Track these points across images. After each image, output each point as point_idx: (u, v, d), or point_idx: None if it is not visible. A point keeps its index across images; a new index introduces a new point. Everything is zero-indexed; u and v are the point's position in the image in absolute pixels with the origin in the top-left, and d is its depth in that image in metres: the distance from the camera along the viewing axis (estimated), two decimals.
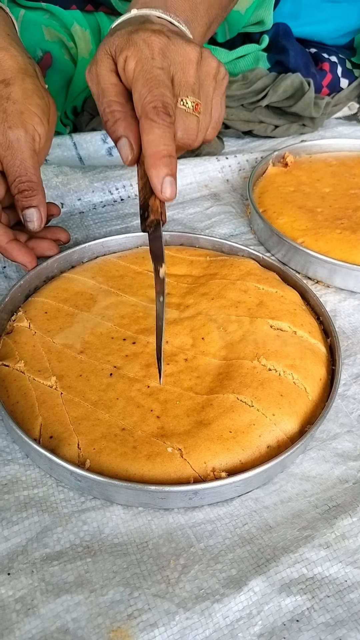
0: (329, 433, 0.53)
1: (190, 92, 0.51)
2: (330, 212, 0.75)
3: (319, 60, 1.00)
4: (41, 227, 0.61)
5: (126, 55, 0.50)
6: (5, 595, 0.41)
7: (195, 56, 0.51)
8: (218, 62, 0.54)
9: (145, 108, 0.48)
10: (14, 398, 0.51)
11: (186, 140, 0.52)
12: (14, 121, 0.58)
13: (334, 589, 0.42)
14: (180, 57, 0.51)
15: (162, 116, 0.48)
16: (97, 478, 0.44)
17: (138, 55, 0.49)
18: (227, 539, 0.45)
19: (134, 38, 0.50)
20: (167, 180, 0.48)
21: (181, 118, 0.51)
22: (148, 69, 0.49)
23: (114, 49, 0.51)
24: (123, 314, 0.58)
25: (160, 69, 0.49)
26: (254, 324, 0.57)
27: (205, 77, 0.52)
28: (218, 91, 0.54)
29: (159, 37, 0.50)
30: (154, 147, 0.48)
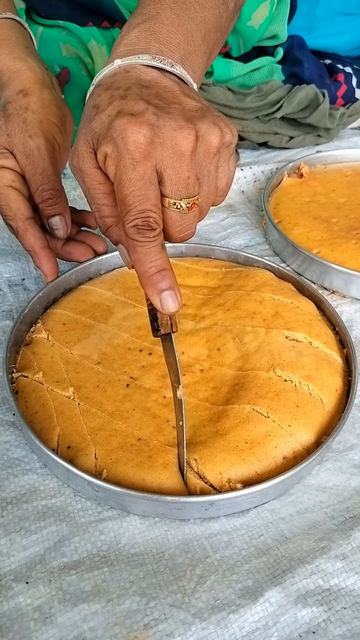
0: (345, 444, 0.53)
1: (185, 191, 0.44)
2: (346, 223, 0.76)
3: (334, 72, 1.00)
4: (67, 233, 0.61)
5: (105, 153, 0.44)
6: (23, 603, 0.41)
7: (189, 146, 0.43)
8: (220, 134, 0.45)
9: (125, 227, 0.43)
10: (33, 408, 0.51)
11: (186, 236, 0.47)
12: (34, 130, 0.58)
13: (351, 600, 0.42)
14: (169, 151, 0.43)
15: (144, 234, 0.43)
16: (114, 488, 0.44)
17: (117, 160, 0.43)
18: (243, 549, 0.45)
19: (112, 129, 0.43)
20: (164, 295, 0.44)
21: (176, 220, 0.45)
22: (126, 180, 0.43)
23: (95, 141, 0.45)
24: (139, 325, 0.59)
25: (139, 180, 0.42)
26: (270, 335, 0.57)
27: (204, 159, 0.45)
28: (224, 159, 0.47)
29: (139, 129, 0.42)
30: (141, 268, 0.44)
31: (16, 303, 0.66)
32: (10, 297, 0.66)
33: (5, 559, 0.43)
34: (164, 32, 0.50)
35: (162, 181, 0.44)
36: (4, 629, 0.40)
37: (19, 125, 0.59)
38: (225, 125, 0.46)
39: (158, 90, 0.46)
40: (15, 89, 0.60)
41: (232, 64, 0.94)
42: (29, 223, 0.59)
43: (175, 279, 0.45)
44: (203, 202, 0.47)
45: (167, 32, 0.50)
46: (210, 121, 0.45)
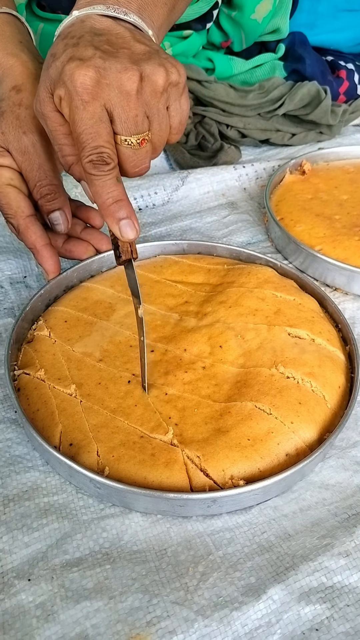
0: (348, 441, 0.53)
1: (134, 127, 0.48)
2: (348, 219, 0.75)
3: (336, 68, 1.00)
4: (68, 228, 0.61)
5: (59, 96, 0.48)
6: (25, 601, 0.41)
7: (133, 86, 0.47)
8: (165, 74, 0.48)
9: (82, 163, 0.48)
10: (35, 406, 0.51)
11: (140, 170, 0.51)
12: (27, 126, 0.58)
13: (354, 597, 0.42)
14: (115, 91, 0.46)
15: (100, 168, 0.47)
16: (116, 485, 0.44)
17: (69, 102, 0.47)
18: (246, 547, 0.45)
19: (63, 74, 0.47)
20: (122, 224, 0.49)
21: (129, 156, 0.49)
22: (78, 119, 0.47)
23: (52, 86, 0.49)
24: None
25: (90, 119, 0.46)
26: (272, 332, 0.57)
27: (151, 98, 0.48)
28: (174, 98, 0.50)
29: (85, 72, 0.46)
30: (99, 199, 0.49)
31: (18, 300, 0.66)
32: (11, 294, 0.66)
33: (7, 556, 0.43)
34: None
35: (113, 120, 0.47)
36: (6, 626, 0.40)
37: (13, 122, 0.58)
38: (171, 65, 0.49)
39: (109, 37, 0.49)
40: (9, 86, 0.60)
41: (233, 61, 0.94)
42: (30, 220, 0.60)
43: (132, 209, 0.50)
44: (155, 139, 0.51)
45: None
46: (156, 62, 0.48)
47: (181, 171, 0.86)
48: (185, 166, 0.89)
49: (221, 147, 0.90)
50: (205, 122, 0.92)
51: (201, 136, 0.92)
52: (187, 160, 0.89)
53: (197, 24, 0.87)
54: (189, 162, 0.89)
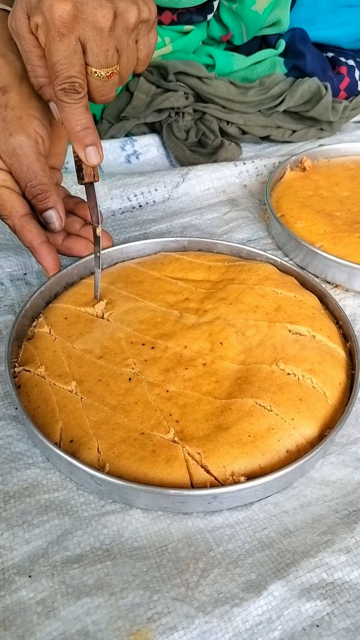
0: (349, 438, 0.53)
1: (105, 61, 0.51)
2: (349, 216, 0.75)
3: (336, 64, 1.00)
4: (62, 226, 0.61)
5: (36, 23, 0.50)
6: (26, 597, 0.41)
7: (107, 23, 0.49)
8: (137, 12, 0.51)
9: (55, 90, 0.51)
10: (35, 403, 0.51)
11: (107, 99, 0.55)
12: (14, 128, 0.58)
13: (355, 594, 0.42)
14: (90, 26, 0.49)
15: (71, 96, 0.51)
16: (116, 482, 0.44)
17: (46, 32, 0.49)
18: (247, 543, 0.45)
19: (42, 3, 0.49)
20: (89, 150, 0.54)
21: (97, 86, 0.53)
22: (54, 50, 0.49)
23: (29, 10, 0.51)
24: (142, 319, 0.59)
25: (65, 50, 0.49)
26: (272, 329, 0.57)
27: (122, 34, 0.51)
28: (143, 33, 0.54)
29: (64, 6, 0.48)
30: (68, 125, 0.53)
31: (18, 297, 0.66)
32: (12, 291, 0.66)
33: (8, 553, 0.43)
34: None
35: (85, 52, 0.51)
36: (7, 622, 0.40)
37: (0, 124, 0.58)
38: (143, 3, 0.52)
39: None
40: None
41: (234, 57, 0.94)
42: (25, 219, 0.60)
43: (98, 137, 0.55)
44: (123, 71, 0.54)
45: None
46: (129, 0, 0.51)
47: (181, 168, 0.86)
48: (185, 163, 0.89)
49: (221, 144, 0.90)
50: (206, 118, 0.92)
51: (201, 133, 0.91)
52: (188, 157, 0.88)
53: (198, 16, 0.87)
54: (189, 158, 0.88)
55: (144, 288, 0.63)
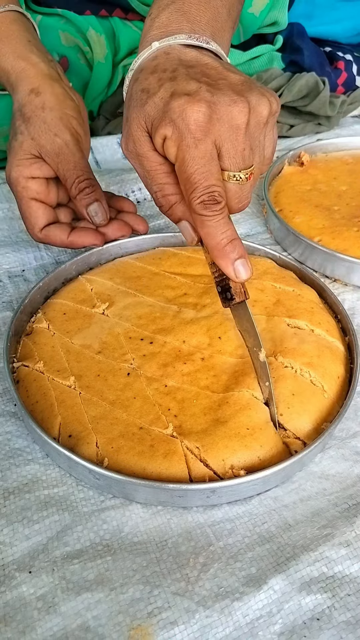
0: (348, 432, 0.53)
1: (242, 162, 0.45)
2: (347, 210, 0.75)
3: (334, 59, 1.00)
4: (107, 219, 0.63)
5: (164, 135, 0.45)
6: (26, 593, 0.41)
7: (244, 119, 0.44)
8: (269, 104, 0.46)
9: (192, 204, 0.45)
10: (34, 398, 0.51)
11: (244, 206, 0.49)
12: (57, 128, 0.59)
13: (355, 587, 0.42)
14: (226, 125, 0.44)
15: (212, 208, 0.45)
16: (115, 476, 0.44)
17: (178, 141, 0.44)
18: (247, 537, 0.45)
19: (170, 111, 0.44)
20: (237, 264, 0.47)
21: (235, 192, 0.47)
22: (190, 159, 0.44)
23: (150, 125, 0.46)
24: (140, 315, 0.58)
25: (202, 157, 0.44)
26: (271, 323, 0.57)
27: (255, 130, 0.46)
28: (270, 127, 0.48)
29: (198, 108, 0.43)
30: (212, 241, 0.46)
31: (16, 294, 0.65)
32: (10, 288, 0.66)
33: (8, 549, 0.43)
34: (194, 11, 0.50)
35: (221, 155, 0.45)
36: (8, 618, 0.40)
37: (41, 126, 0.59)
38: (270, 95, 0.47)
39: (202, 69, 0.46)
40: (26, 90, 0.61)
41: (231, 53, 0.94)
42: (45, 231, 0.63)
43: (244, 249, 0.47)
44: (256, 172, 0.48)
45: (196, 11, 0.50)
46: (258, 92, 0.46)
47: None
48: None
49: None
50: None
51: None
52: None
53: None
54: None
55: (142, 283, 0.63)
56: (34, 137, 0.60)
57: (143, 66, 0.48)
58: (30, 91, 0.60)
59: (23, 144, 0.60)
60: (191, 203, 0.45)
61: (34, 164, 0.61)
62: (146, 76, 0.47)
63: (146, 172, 0.48)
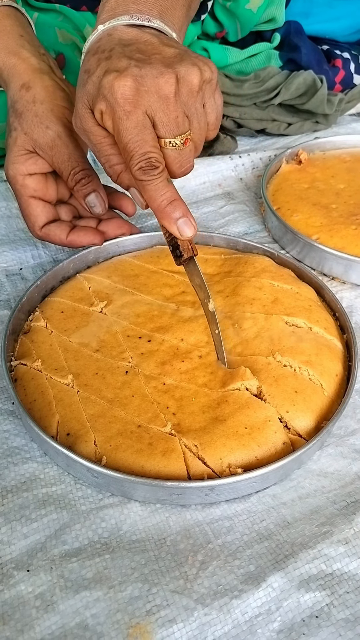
0: (346, 429, 0.53)
1: (176, 129, 0.49)
2: (345, 208, 0.75)
3: (332, 57, 0.99)
4: (106, 209, 0.62)
5: (101, 110, 0.49)
6: (25, 591, 0.41)
7: (171, 89, 0.48)
8: (199, 73, 0.49)
9: (132, 171, 0.49)
10: (32, 396, 0.51)
11: (186, 169, 0.52)
12: (49, 120, 0.59)
13: (354, 584, 0.42)
14: (155, 96, 0.47)
15: (150, 173, 0.48)
16: (113, 474, 0.44)
17: (111, 114, 0.48)
18: (245, 535, 0.45)
19: (102, 88, 0.48)
20: (179, 223, 0.50)
21: (174, 157, 0.50)
22: (123, 130, 0.48)
23: (90, 102, 0.50)
24: (138, 313, 0.58)
25: (135, 127, 0.47)
26: (269, 321, 0.57)
27: (188, 98, 0.49)
28: (208, 95, 0.51)
29: (124, 82, 0.47)
30: (154, 203, 0.50)
31: (14, 292, 0.65)
32: (7, 286, 0.66)
33: (6, 547, 0.43)
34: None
35: (155, 124, 0.48)
36: (6, 617, 0.40)
37: (33, 119, 0.59)
38: (203, 64, 0.50)
39: (139, 46, 0.50)
40: (17, 85, 0.60)
41: (228, 51, 0.93)
42: (45, 229, 0.63)
43: (187, 208, 0.51)
44: (196, 138, 0.52)
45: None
46: (189, 62, 0.49)
47: None
48: None
49: (217, 137, 0.89)
50: None
51: None
52: None
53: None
54: None
55: (140, 281, 0.63)
56: (26, 131, 0.59)
57: (89, 49, 0.52)
58: (21, 87, 0.60)
59: (17, 139, 0.60)
60: (131, 170, 0.49)
61: (30, 159, 0.60)
62: (89, 58, 0.51)
63: (93, 145, 0.52)
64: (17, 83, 0.60)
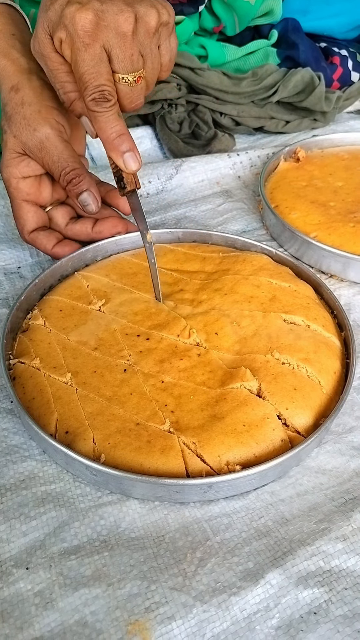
0: (344, 426, 0.53)
1: (130, 66, 0.51)
2: (343, 206, 0.75)
3: (329, 54, 0.99)
4: (99, 207, 0.62)
5: (60, 39, 0.50)
6: (24, 589, 0.41)
7: (130, 27, 0.50)
8: (157, 15, 0.51)
9: (85, 101, 0.51)
10: (30, 394, 0.51)
11: (136, 105, 0.55)
12: (36, 122, 0.59)
13: (352, 581, 0.42)
14: (113, 32, 0.50)
15: (102, 104, 0.51)
16: (112, 472, 0.44)
17: (70, 44, 0.50)
18: (244, 532, 0.45)
19: (64, 17, 0.49)
20: (126, 156, 0.53)
21: (126, 93, 0.53)
22: (80, 61, 0.50)
23: (51, 28, 0.51)
24: (136, 311, 0.58)
25: (91, 60, 0.50)
26: (267, 319, 0.57)
27: (144, 38, 0.52)
28: (164, 37, 0.54)
29: (85, 15, 0.49)
30: (103, 134, 0.53)
31: (12, 291, 0.65)
32: (6, 285, 0.66)
33: (5, 545, 0.43)
34: None
35: (111, 59, 0.51)
36: (5, 614, 0.40)
37: (21, 122, 0.59)
38: (162, 7, 0.52)
39: None
40: (7, 88, 0.60)
41: (226, 48, 0.93)
42: (33, 235, 0.64)
43: (134, 143, 0.54)
44: (149, 76, 0.55)
45: None
46: (148, 4, 0.51)
47: (175, 160, 0.85)
48: (179, 155, 0.88)
49: (215, 135, 0.90)
50: (199, 110, 0.91)
51: (195, 124, 0.91)
52: (181, 148, 0.88)
53: (189, 7, 0.87)
54: (182, 150, 0.88)
55: (138, 280, 0.63)
56: (15, 134, 0.59)
57: None
58: (11, 89, 0.60)
59: (7, 142, 0.60)
60: (85, 100, 0.51)
61: (22, 162, 0.61)
62: None
63: (50, 71, 0.54)
64: (7, 85, 0.60)
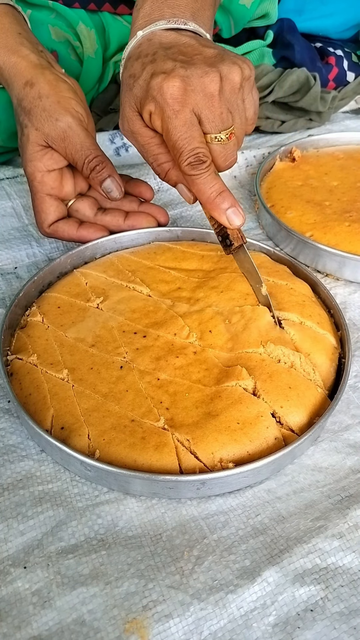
0: (340, 424, 0.53)
1: (221, 124, 0.51)
2: (339, 205, 0.75)
3: (325, 55, 1.00)
4: (122, 193, 0.63)
5: (149, 111, 0.52)
6: (22, 588, 0.41)
7: (216, 87, 0.50)
8: (240, 71, 0.52)
9: (181, 167, 0.52)
10: (27, 390, 0.51)
11: (230, 163, 0.55)
12: (57, 112, 0.60)
13: (348, 578, 0.42)
14: (201, 94, 0.50)
15: (198, 168, 0.51)
16: (105, 467, 0.44)
17: (160, 114, 0.51)
18: (240, 529, 0.45)
19: (151, 90, 0.50)
20: (229, 213, 0.53)
21: (220, 152, 0.53)
22: (172, 128, 0.50)
23: (138, 104, 0.53)
24: (134, 308, 0.59)
25: (183, 125, 0.50)
26: (256, 312, 0.57)
27: (231, 95, 0.52)
28: (247, 91, 0.54)
29: (173, 83, 0.50)
30: (203, 196, 0.53)
31: (9, 291, 0.65)
32: (2, 285, 0.66)
33: (3, 545, 0.43)
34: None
35: (201, 121, 0.51)
36: (3, 613, 0.40)
37: (41, 114, 0.60)
38: (242, 62, 0.53)
39: (179, 48, 0.53)
40: (21, 84, 0.61)
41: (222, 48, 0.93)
42: (54, 227, 0.65)
43: (235, 199, 0.53)
44: (238, 132, 0.55)
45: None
46: (230, 62, 0.52)
47: None
48: None
49: None
50: None
51: None
52: None
53: None
54: None
55: (137, 277, 0.63)
56: (37, 127, 0.60)
57: (130, 54, 0.55)
58: (25, 84, 0.61)
59: (30, 136, 0.61)
60: (180, 166, 0.52)
61: (46, 154, 0.62)
62: (132, 63, 0.54)
63: (141, 146, 0.56)
64: (20, 81, 0.61)
